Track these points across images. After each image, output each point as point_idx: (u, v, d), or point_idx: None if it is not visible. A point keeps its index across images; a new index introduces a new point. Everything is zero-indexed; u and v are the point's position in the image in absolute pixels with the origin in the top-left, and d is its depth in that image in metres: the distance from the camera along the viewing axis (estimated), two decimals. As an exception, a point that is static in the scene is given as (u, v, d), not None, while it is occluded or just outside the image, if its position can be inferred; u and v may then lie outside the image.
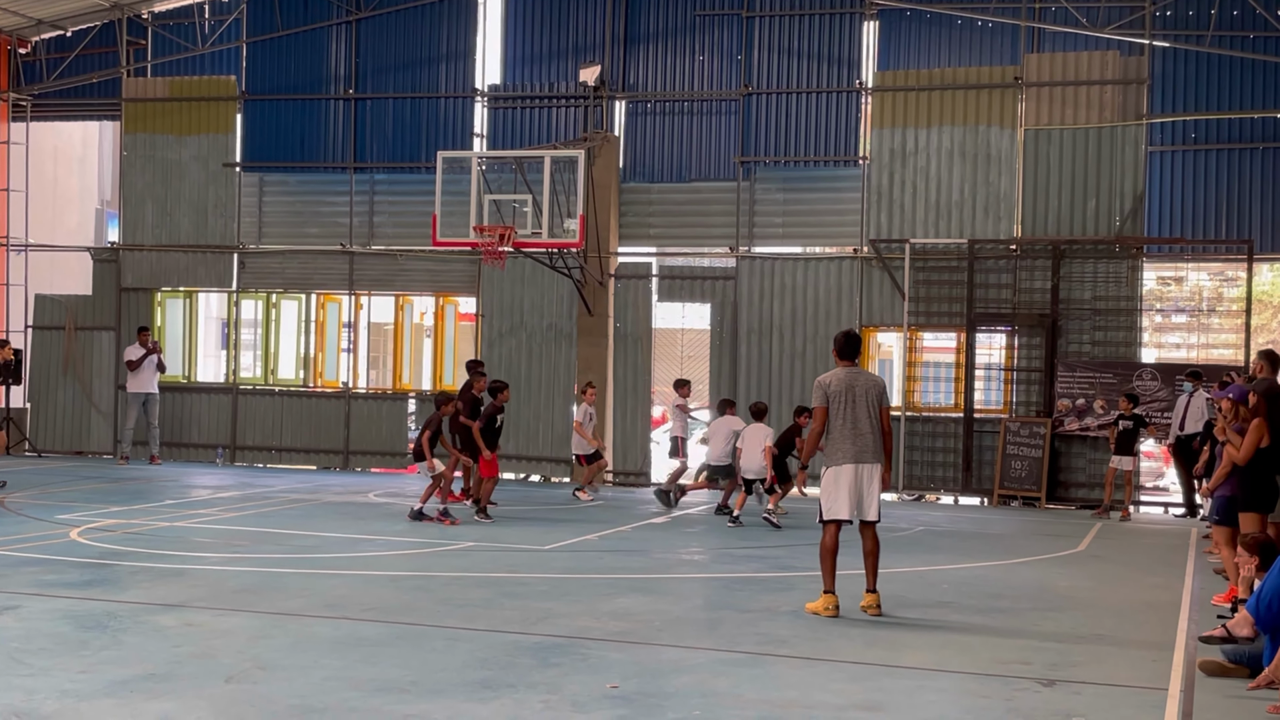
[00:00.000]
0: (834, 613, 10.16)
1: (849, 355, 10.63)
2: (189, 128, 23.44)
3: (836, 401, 10.42)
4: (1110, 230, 19.65)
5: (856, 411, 10.40)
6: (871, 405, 10.46)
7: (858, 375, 10.51)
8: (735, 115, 21.26)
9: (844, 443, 10.44)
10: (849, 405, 10.38)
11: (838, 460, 10.46)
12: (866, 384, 10.49)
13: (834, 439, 10.45)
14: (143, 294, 23.67)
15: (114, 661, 8.14)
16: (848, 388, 10.42)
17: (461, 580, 11.61)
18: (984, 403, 20.13)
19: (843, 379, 10.45)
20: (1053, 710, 7.58)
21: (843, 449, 10.45)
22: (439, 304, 22.67)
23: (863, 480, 10.44)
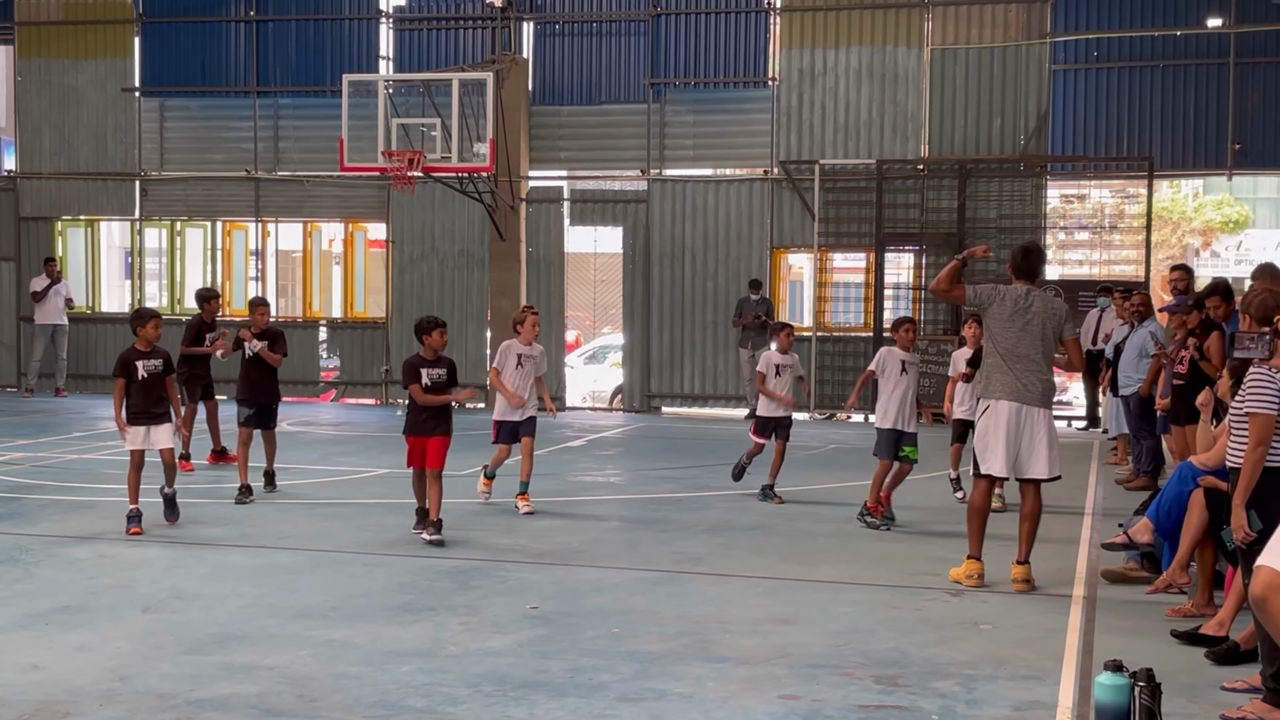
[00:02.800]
0: (978, 581, 8.57)
1: (1028, 274, 8.73)
2: (86, 51, 22.80)
3: (998, 326, 8.56)
4: (1015, 149, 19.90)
5: (1027, 338, 8.49)
6: (1048, 337, 8.55)
7: (1036, 297, 8.59)
8: (644, 36, 21.14)
9: (1001, 374, 8.54)
10: (1018, 329, 8.49)
11: (993, 393, 8.56)
12: (1044, 309, 8.56)
13: (990, 366, 8.63)
14: (42, 223, 23.13)
15: (27, 595, 8.08)
16: (1019, 308, 8.51)
17: (379, 507, 11.63)
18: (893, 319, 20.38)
19: (1014, 296, 8.57)
20: (961, 619, 7.81)
21: (1000, 380, 8.55)
22: (348, 230, 22.41)
23: (1023, 426, 8.48)
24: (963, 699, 6.20)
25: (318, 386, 22.54)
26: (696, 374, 20.97)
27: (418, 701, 6.04)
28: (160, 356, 10.35)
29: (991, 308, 8.60)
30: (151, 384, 10.23)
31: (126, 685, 6.22)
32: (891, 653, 6.98)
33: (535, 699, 6.11)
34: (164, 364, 10.35)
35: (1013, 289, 8.64)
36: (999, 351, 8.55)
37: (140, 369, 10.20)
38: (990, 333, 8.64)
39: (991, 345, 8.62)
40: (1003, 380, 8.51)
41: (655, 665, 6.69)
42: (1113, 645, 6.98)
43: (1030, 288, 8.66)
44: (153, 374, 10.24)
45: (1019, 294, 8.59)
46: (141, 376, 10.20)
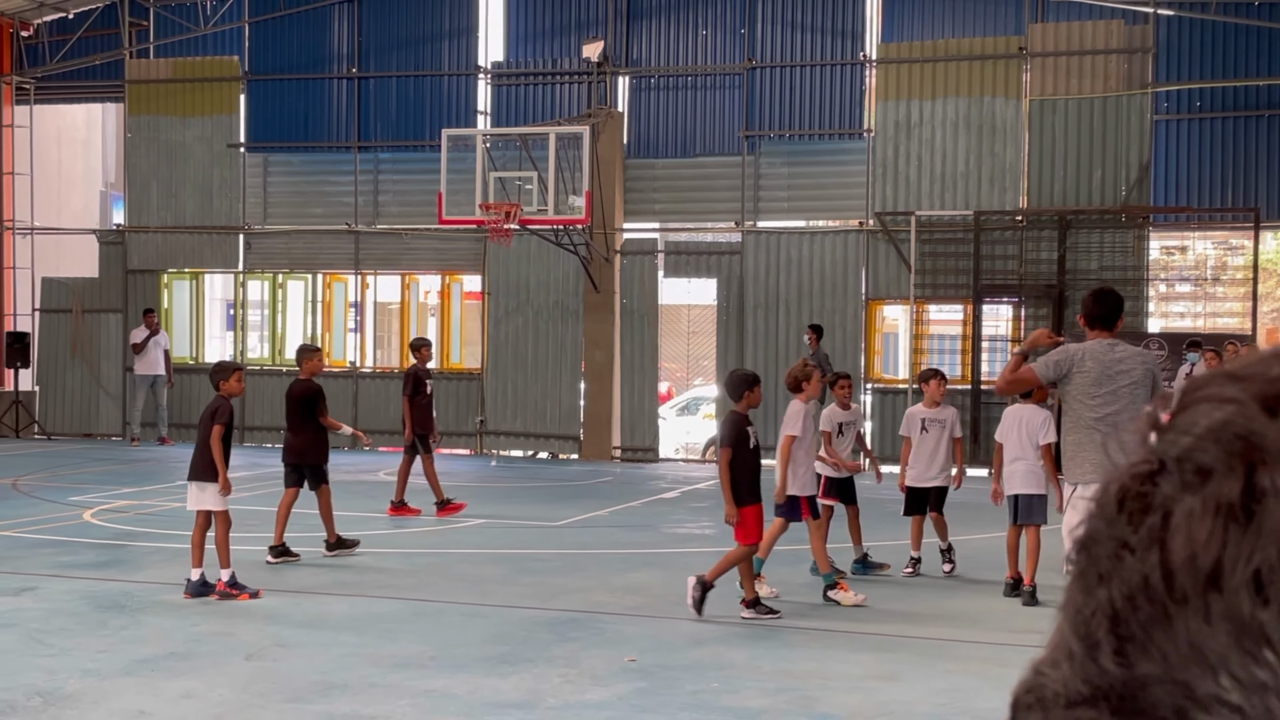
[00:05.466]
0: None
1: (1106, 322, 7.32)
2: (192, 109, 23.40)
3: (1082, 393, 7.23)
4: (1116, 200, 19.62)
5: (1119, 402, 7.13)
6: (1138, 396, 7.14)
7: (1122, 350, 7.29)
8: (739, 89, 21.21)
9: (1093, 450, 7.10)
10: (1107, 394, 7.15)
11: (1085, 475, 7.17)
12: (1136, 363, 7.27)
13: (1076, 443, 7.30)
14: (149, 276, 23.68)
15: (134, 641, 8.19)
16: (1106, 371, 7.17)
17: (475, 556, 11.67)
18: (991, 375, 20.13)
19: (1097, 355, 7.20)
20: (1068, 678, 7.61)
21: (1093, 459, 7.09)
22: (445, 282, 22.66)
23: None
24: (1074, 761, 6.03)
25: (414, 437, 22.70)
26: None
27: (518, 754, 6.03)
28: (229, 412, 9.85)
29: (1073, 376, 7.25)
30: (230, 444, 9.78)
31: (231, 732, 6.27)
32: (999, 713, 6.80)
33: (636, 753, 6.06)
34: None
35: (1091, 347, 7.28)
36: (1089, 424, 7.16)
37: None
38: (1071, 403, 7.28)
39: (1075, 419, 7.27)
40: (1095, 458, 6.99)
41: (756, 721, 6.61)
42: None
43: (1113, 340, 7.35)
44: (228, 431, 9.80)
45: (1100, 351, 7.22)
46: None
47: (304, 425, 11.81)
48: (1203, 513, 0.56)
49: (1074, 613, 0.62)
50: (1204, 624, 0.56)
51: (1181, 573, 0.57)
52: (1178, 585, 0.57)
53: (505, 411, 21.89)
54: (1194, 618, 0.56)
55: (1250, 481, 0.55)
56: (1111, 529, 0.61)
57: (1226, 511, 0.56)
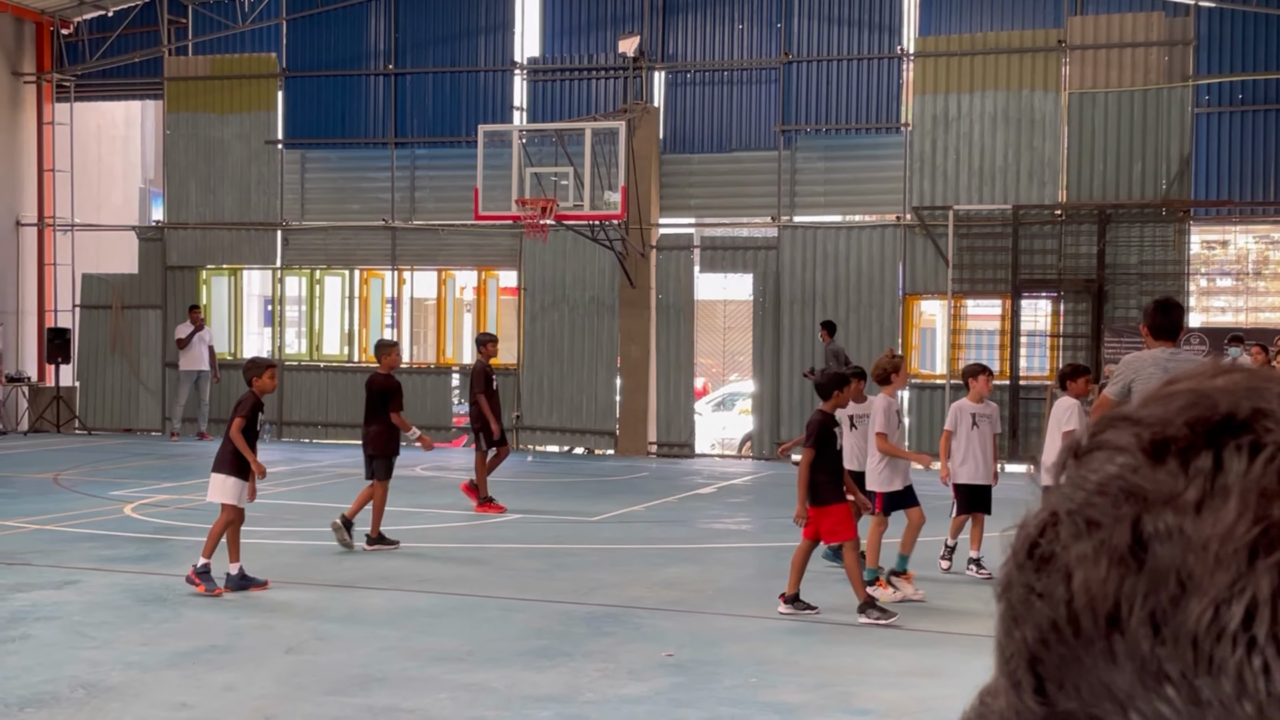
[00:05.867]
0: None
1: (1169, 333, 7.41)
2: (231, 106, 23.54)
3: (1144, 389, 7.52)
4: (1156, 194, 19.45)
5: None
6: None
7: (1182, 360, 7.40)
8: (775, 84, 21.15)
9: None
10: None
11: None
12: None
13: None
14: (188, 272, 23.84)
15: (175, 634, 8.25)
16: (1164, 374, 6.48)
17: (511, 551, 11.69)
18: (1029, 370, 20.02)
19: (1159, 361, 7.27)
20: (1109, 675, 7.56)
21: None
22: (481, 278, 22.72)
23: None
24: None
25: (450, 432, 22.79)
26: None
27: (556, 748, 6.03)
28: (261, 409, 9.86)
29: (1136, 382, 7.28)
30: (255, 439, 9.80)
31: (271, 725, 6.31)
32: (1038, 709, 6.77)
33: (674, 748, 6.06)
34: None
35: (1154, 353, 7.32)
36: None
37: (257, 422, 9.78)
38: None
39: None
40: None
41: (794, 716, 6.59)
42: None
43: (1175, 350, 7.39)
44: (261, 429, 9.82)
45: (1162, 358, 7.27)
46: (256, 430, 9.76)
47: (377, 417, 11.94)
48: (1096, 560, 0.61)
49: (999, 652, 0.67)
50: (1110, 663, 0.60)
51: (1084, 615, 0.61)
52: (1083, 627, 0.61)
53: (541, 407, 21.92)
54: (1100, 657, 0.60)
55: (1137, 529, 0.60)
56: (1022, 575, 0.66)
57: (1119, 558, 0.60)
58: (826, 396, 9.13)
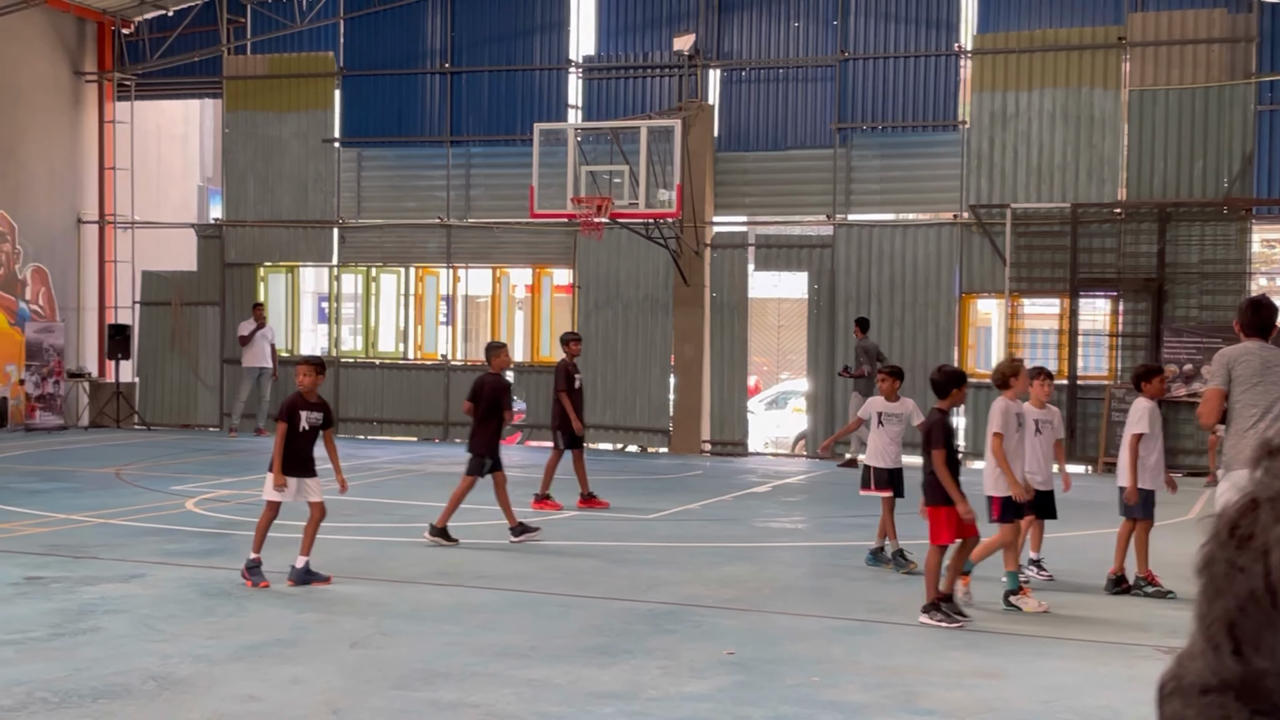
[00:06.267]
0: None
1: (1262, 330, 7.94)
2: (288, 104, 23.75)
3: (1246, 385, 7.78)
4: (1218, 192, 19.23)
5: (1269, 396, 7.76)
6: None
7: (1274, 352, 7.88)
8: (831, 81, 21.08)
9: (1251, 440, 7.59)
10: (1264, 392, 7.75)
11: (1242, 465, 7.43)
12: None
13: (1235, 437, 7.79)
14: (246, 269, 24.08)
15: (241, 628, 8.35)
16: (1264, 367, 7.79)
17: (569, 549, 11.74)
18: (1086, 369, 19.85)
19: (1256, 355, 7.82)
20: (1176, 678, 7.50)
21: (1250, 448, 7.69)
22: (536, 276, 22.79)
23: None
24: (1185, 762, 5.93)
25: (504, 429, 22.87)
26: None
27: (622, 744, 6.06)
28: (323, 409, 9.93)
29: (1236, 369, 7.78)
30: (309, 437, 9.84)
31: (339, 718, 6.37)
32: (1103, 711, 6.74)
33: (739, 746, 6.07)
34: (325, 417, 9.91)
35: (1248, 345, 7.85)
36: (1247, 416, 7.70)
37: (303, 419, 9.82)
38: (1234, 394, 7.76)
39: (1235, 413, 7.75)
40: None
41: (858, 716, 6.58)
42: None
43: (1266, 345, 7.86)
44: (313, 427, 9.83)
45: (1255, 349, 7.81)
46: (303, 428, 9.83)
47: (488, 417, 12.26)
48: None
49: (1201, 619, 0.80)
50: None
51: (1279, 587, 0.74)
52: (1278, 598, 0.74)
53: (595, 405, 21.91)
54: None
55: None
56: (1224, 552, 0.79)
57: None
58: (944, 394, 9.00)
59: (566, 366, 14.30)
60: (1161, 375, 10.25)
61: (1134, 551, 9.95)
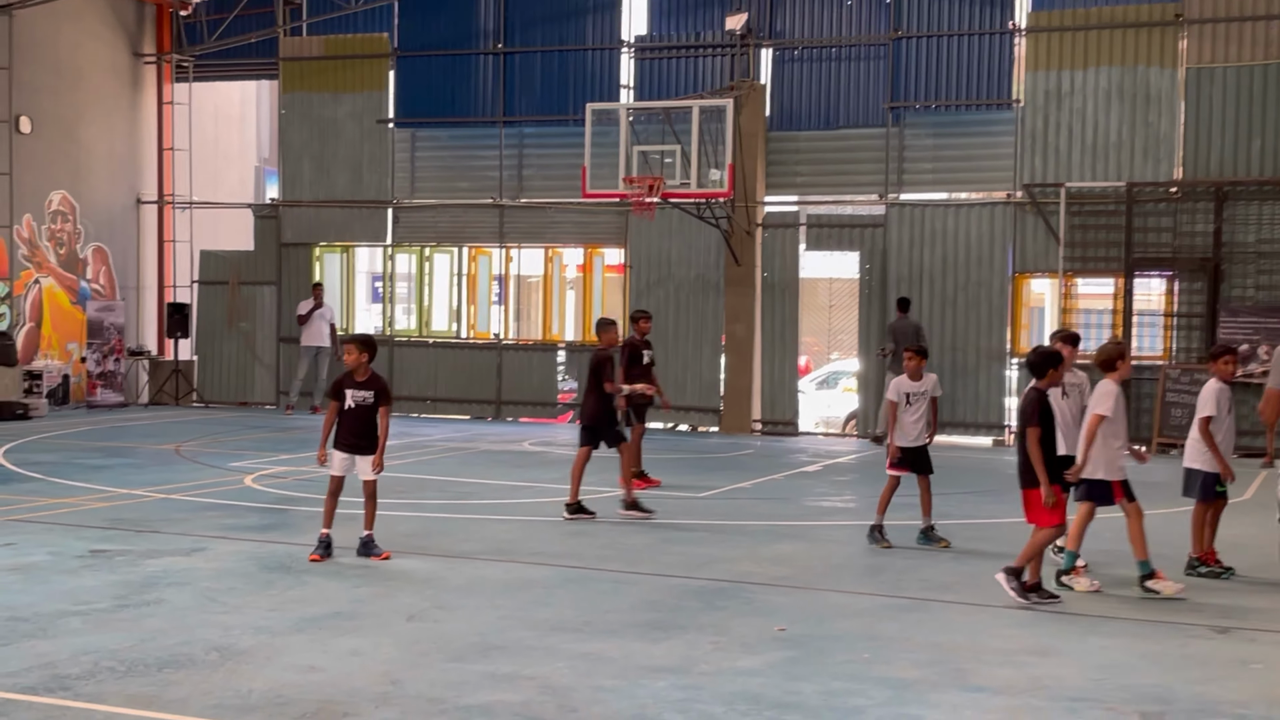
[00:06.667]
0: None
1: None
2: (344, 85, 23.94)
3: None
4: (1276, 171, 19.00)
5: None
6: None
7: None
8: (884, 60, 21.00)
9: None
10: None
11: None
12: None
13: None
14: (302, 249, 24.32)
15: (300, 600, 8.51)
16: None
17: (621, 526, 11.84)
18: (1140, 349, 19.71)
19: None
20: (1228, 657, 7.50)
21: None
22: (587, 255, 22.88)
23: None
24: (1236, 740, 5.96)
25: (555, 408, 23.04)
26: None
27: (675, 717, 6.15)
28: (373, 388, 10.00)
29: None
30: (358, 414, 9.95)
31: (398, 689, 6.50)
32: (1156, 689, 6.75)
33: (790, 719, 6.14)
34: (375, 395, 9.98)
35: None
36: None
37: (349, 398, 9.94)
38: None
39: None
40: None
41: (909, 692, 6.64)
42: (1399, 691, 6.61)
43: None
44: (360, 405, 9.94)
45: None
46: (349, 406, 9.95)
47: (594, 389, 12.47)
48: None
49: None
50: None
51: None
52: None
53: (646, 384, 22.02)
54: None
55: None
56: None
57: None
58: (1041, 375, 8.95)
59: (633, 341, 14.37)
60: (1232, 355, 10.09)
61: (1191, 529, 9.97)
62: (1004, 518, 12.64)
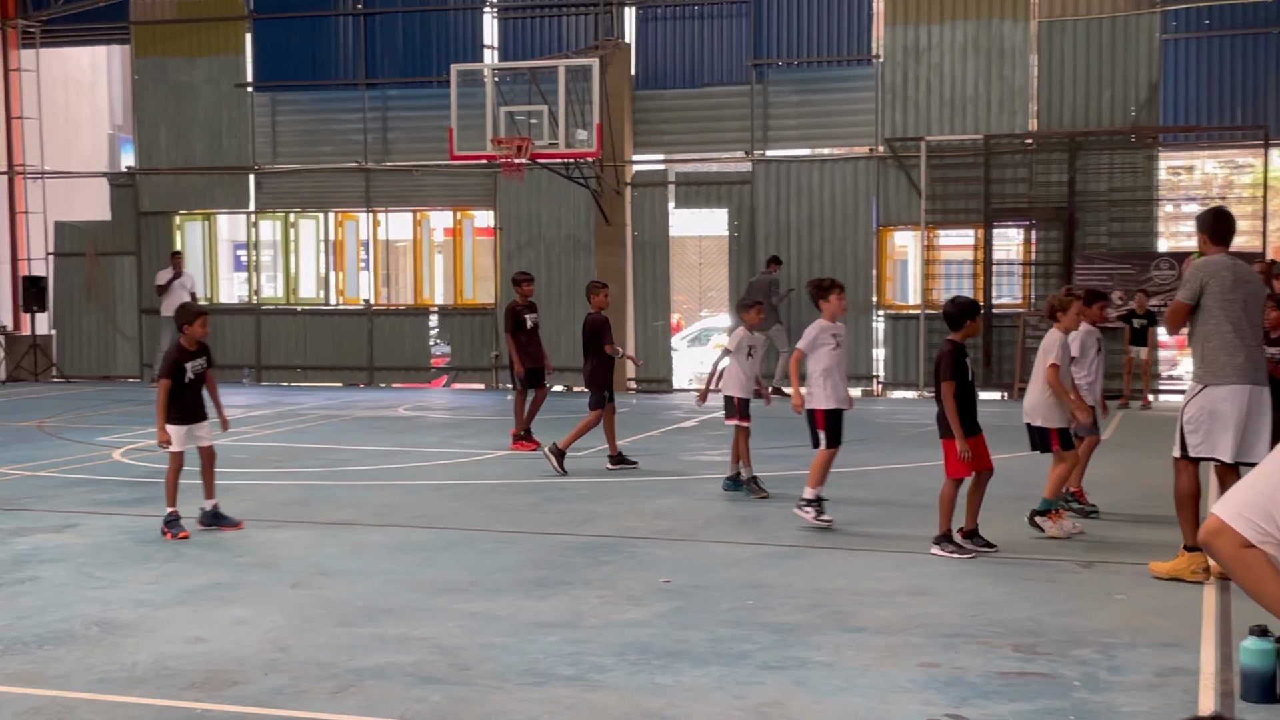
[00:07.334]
0: (1205, 576, 7.81)
1: (1227, 239, 8.04)
2: (199, 49, 23.38)
3: (1222, 291, 7.82)
4: (1126, 121, 19.64)
5: (1249, 314, 7.88)
6: (1258, 306, 8.05)
7: (1245, 268, 8.06)
8: (746, 18, 21.16)
9: (1231, 354, 7.78)
10: (1238, 305, 7.83)
11: (1223, 377, 7.78)
12: (1253, 277, 8.11)
13: (1214, 348, 7.81)
14: (161, 218, 23.76)
15: (180, 573, 8.41)
16: (1239, 277, 7.90)
17: (502, 487, 11.88)
18: (999, 298, 20.26)
19: (1229, 265, 7.91)
20: (1094, 589, 7.83)
21: (1231, 363, 7.78)
22: (456, 218, 22.74)
23: (1254, 409, 7.80)
24: (1104, 666, 6.24)
25: (429, 373, 22.92)
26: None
27: (566, 670, 6.23)
28: (204, 354, 9.89)
29: (1210, 284, 7.82)
30: (197, 384, 9.83)
31: (287, 655, 6.48)
32: (1027, 622, 7.03)
33: (679, 667, 6.27)
34: (206, 360, 9.89)
35: (1222, 259, 7.90)
36: (1227, 328, 7.77)
37: (189, 370, 9.78)
38: (1210, 310, 7.79)
39: (1212, 325, 7.79)
40: (1233, 361, 7.75)
41: (793, 635, 6.81)
42: (1252, 612, 6.95)
43: (1232, 256, 8.02)
44: (198, 374, 9.83)
45: (1229, 263, 7.89)
46: (189, 379, 9.78)
47: (588, 354, 12.86)
48: None
49: None
50: None
51: None
52: None
53: (520, 345, 22.02)
54: None
55: None
56: None
57: None
58: (958, 326, 8.95)
59: (515, 307, 14.27)
60: (1105, 300, 10.22)
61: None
62: (874, 465, 12.96)
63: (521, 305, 14.29)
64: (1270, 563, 2.80)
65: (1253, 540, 2.79)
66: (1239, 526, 2.80)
